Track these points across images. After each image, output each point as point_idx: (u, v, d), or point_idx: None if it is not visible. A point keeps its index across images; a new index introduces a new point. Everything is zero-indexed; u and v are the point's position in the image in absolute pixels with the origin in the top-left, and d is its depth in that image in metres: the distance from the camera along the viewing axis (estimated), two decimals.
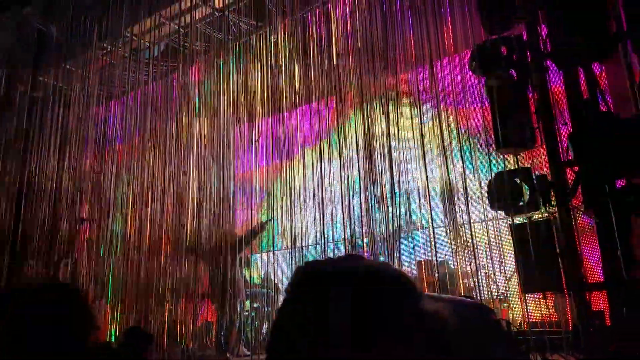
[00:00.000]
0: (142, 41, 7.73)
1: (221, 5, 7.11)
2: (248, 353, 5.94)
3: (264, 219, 6.41)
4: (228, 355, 5.88)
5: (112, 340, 6.71)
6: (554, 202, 4.16)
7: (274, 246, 6.15)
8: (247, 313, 6.36)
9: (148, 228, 6.84)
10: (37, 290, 1.48)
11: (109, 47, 8.03)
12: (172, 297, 6.43)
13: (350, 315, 0.59)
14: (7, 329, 1.31)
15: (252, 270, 6.57)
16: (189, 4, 7.11)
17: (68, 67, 8.42)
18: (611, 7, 3.76)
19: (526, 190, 4.26)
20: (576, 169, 4.01)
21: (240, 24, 6.98)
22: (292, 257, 5.98)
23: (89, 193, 7.82)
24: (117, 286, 6.99)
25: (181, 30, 7.34)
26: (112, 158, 7.59)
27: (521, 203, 4.28)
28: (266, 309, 6.35)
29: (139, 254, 6.86)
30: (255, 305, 6.46)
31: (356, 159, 5.71)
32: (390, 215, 5.44)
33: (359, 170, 5.68)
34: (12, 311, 1.34)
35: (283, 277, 6.40)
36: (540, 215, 4.28)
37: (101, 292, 7.19)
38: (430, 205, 5.31)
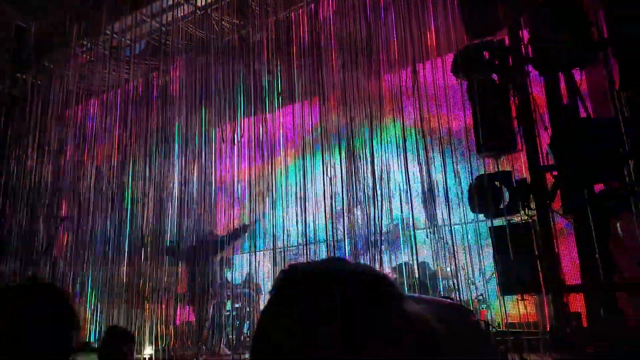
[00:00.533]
0: (123, 39, 7.51)
1: (203, 3, 6.94)
2: (229, 352, 5.83)
3: (246, 221, 6.29)
4: (203, 355, 5.77)
5: (92, 339, 6.55)
6: (533, 205, 4.13)
7: (255, 246, 6.04)
8: (228, 313, 6.24)
9: (128, 227, 6.68)
10: (25, 289, 1.44)
11: (89, 44, 7.79)
12: (152, 297, 6.30)
13: (339, 317, 0.58)
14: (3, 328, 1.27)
15: (233, 270, 6.43)
16: (170, 2, 6.93)
17: (47, 64, 8.16)
18: (592, 16, 3.74)
19: (506, 194, 4.23)
20: (555, 173, 3.98)
21: (223, 22, 6.82)
22: (273, 258, 5.89)
23: (69, 192, 7.62)
24: (97, 286, 6.82)
25: (163, 28, 7.15)
26: (92, 157, 7.38)
27: (501, 206, 4.24)
28: (247, 309, 6.24)
29: (120, 253, 6.70)
30: (237, 305, 6.34)
31: (339, 160, 5.63)
32: (371, 216, 5.38)
33: (341, 172, 5.60)
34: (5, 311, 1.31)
35: (265, 278, 6.31)
36: (519, 218, 4.25)
37: (81, 292, 7.02)
38: (411, 206, 5.27)
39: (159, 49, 7.12)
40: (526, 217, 4.21)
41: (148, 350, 5.99)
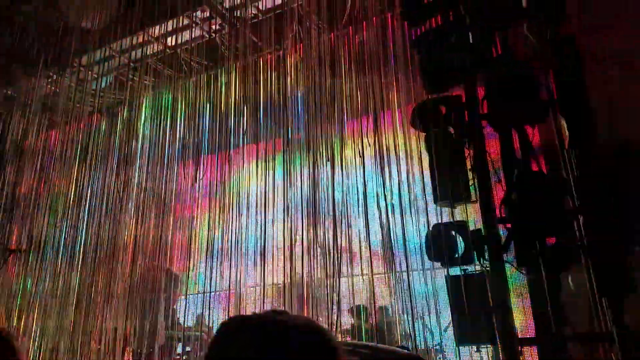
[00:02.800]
0: (90, 72, 7.33)
1: (174, 43, 6.88)
2: None
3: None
4: None
5: None
6: (487, 256, 4.10)
7: (210, 288, 5.78)
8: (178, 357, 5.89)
9: (80, 264, 6.30)
10: None
11: (55, 75, 7.57)
12: (102, 340, 5.89)
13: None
14: None
15: (186, 311, 6.10)
16: (141, 40, 6.84)
17: (9, 92, 7.86)
18: (543, 79, 3.87)
19: (461, 244, 4.19)
20: (509, 225, 3.98)
21: (192, 62, 6.75)
22: (228, 300, 5.64)
23: (21, 223, 7.19)
24: (44, 326, 6.34)
25: (131, 64, 7.02)
26: (48, 188, 7.02)
27: (456, 255, 4.20)
28: (199, 353, 5.90)
29: (69, 291, 6.29)
30: (188, 349, 5.99)
31: (300, 203, 5.53)
32: (330, 260, 5.26)
33: (302, 215, 5.50)
34: None
35: (218, 319, 6.01)
36: (474, 269, 4.20)
37: (24, 330, 6.51)
38: (370, 251, 5.20)
39: (126, 84, 6.97)
40: (481, 268, 4.16)
41: None
